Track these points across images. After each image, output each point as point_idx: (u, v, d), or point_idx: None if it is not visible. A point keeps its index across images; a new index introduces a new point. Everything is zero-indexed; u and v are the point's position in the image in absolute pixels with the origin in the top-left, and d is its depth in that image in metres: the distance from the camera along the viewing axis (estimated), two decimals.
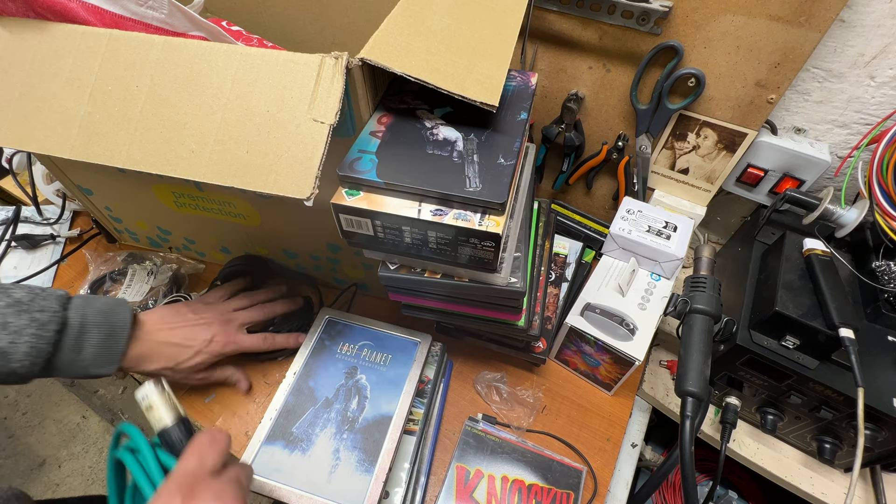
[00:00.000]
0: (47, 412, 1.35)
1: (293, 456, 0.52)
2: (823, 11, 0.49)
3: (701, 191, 0.70)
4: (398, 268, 0.49)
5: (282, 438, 0.53)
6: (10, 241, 0.75)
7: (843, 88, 0.57)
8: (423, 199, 0.42)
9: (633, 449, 0.65)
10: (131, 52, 0.41)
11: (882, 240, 0.53)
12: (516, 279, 0.48)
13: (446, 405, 0.63)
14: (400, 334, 0.62)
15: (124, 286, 0.71)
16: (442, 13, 0.48)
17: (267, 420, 0.55)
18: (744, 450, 0.61)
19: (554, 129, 0.72)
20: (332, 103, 0.38)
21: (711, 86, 0.59)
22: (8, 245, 0.74)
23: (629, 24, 0.58)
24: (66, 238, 0.80)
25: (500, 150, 0.44)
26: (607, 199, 0.79)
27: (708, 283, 0.54)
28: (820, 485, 0.58)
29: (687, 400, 0.46)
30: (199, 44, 0.41)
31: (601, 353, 0.59)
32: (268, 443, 0.53)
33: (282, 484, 0.50)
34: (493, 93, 0.40)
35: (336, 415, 0.55)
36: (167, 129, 0.39)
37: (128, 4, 0.46)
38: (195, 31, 0.50)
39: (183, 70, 0.40)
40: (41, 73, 0.42)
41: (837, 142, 0.62)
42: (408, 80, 0.39)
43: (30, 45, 0.43)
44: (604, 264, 0.66)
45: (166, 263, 0.74)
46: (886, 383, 0.49)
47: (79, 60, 0.42)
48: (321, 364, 0.59)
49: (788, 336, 0.51)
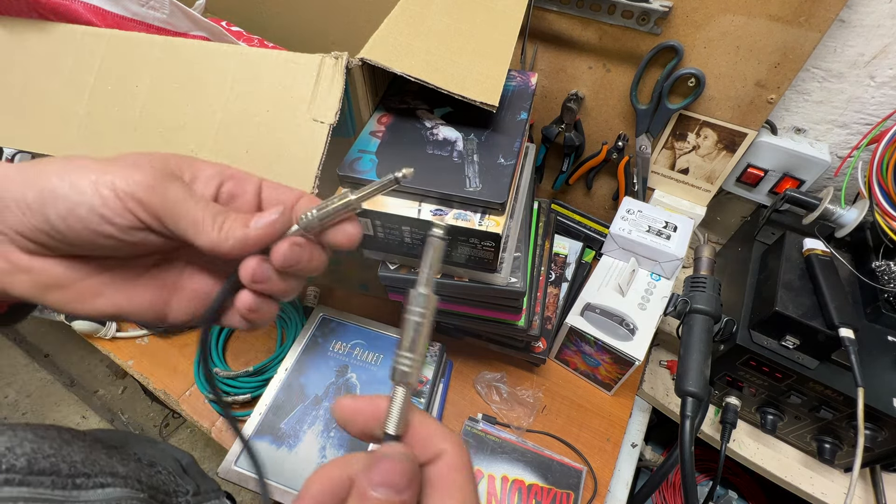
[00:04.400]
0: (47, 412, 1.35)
1: (280, 452, 0.52)
2: (823, 11, 0.49)
3: (701, 191, 0.70)
4: (398, 268, 0.49)
5: (269, 434, 0.53)
6: None
7: (843, 88, 0.57)
8: (423, 199, 0.42)
9: (633, 449, 0.65)
10: (131, 52, 0.41)
11: (882, 240, 0.53)
12: (516, 279, 0.48)
13: (446, 405, 0.63)
14: (393, 334, 0.62)
15: None
16: (442, 13, 0.48)
17: (256, 415, 0.55)
18: (744, 450, 0.61)
19: (554, 129, 0.72)
20: (332, 103, 0.38)
21: (711, 86, 0.59)
22: None
23: (629, 24, 0.58)
24: None
25: (500, 150, 0.44)
26: (607, 199, 0.79)
27: (708, 283, 0.54)
28: (820, 485, 0.58)
29: (687, 400, 0.46)
30: (199, 44, 0.41)
31: (601, 353, 0.59)
32: (255, 437, 0.53)
33: (267, 479, 0.50)
34: (493, 93, 0.40)
35: (325, 412, 0.55)
36: (167, 129, 0.39)
37: (129, 5, 0.46)
38: (197, 31, 0.50)
39: (183, 70, 0.40)
40: (41, 73, 0.42)
41: (837, 142, 0.62)
42: (408, 80, 0.39)
43: (30, 44, 0.43)
44: (604, 264, 0.66)
45: None
46: (886, 383, 0.48)
47: (79, 60, 0.42)
48: (312, 361, 0.60)
49: (788, 336, 0.51)
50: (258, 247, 0.26)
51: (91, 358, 1.40)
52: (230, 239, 0.25)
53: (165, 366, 0.66)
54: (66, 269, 0.26)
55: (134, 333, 0.68)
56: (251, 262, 0.26)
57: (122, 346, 0.68)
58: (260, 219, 0.25)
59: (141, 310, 0.28)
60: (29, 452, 0.33)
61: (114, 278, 0.27)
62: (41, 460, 0.34)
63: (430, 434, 0.23)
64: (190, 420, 0.62)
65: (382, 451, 0.21)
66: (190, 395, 0.63)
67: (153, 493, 0.42)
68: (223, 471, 0.51)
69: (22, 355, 1.41)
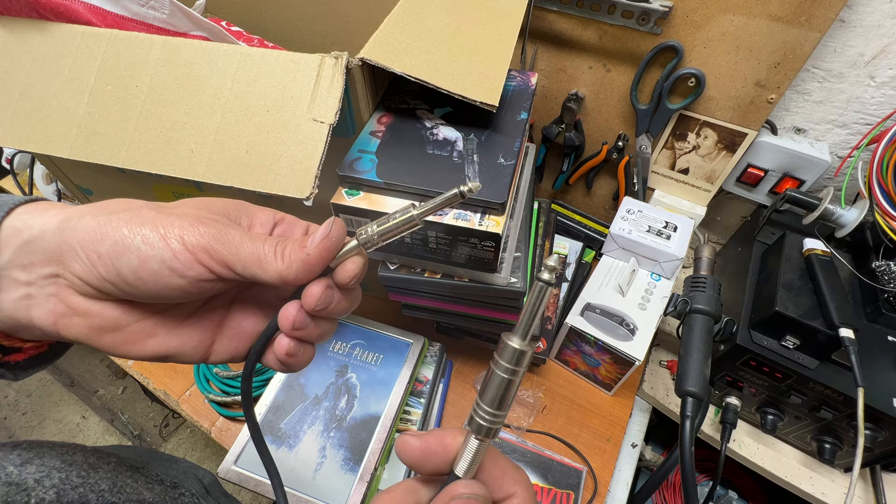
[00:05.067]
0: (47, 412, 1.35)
1: (280, 452, 0.52)
2: (823, 11, 0.49)
3: (701, 191, 0.70)
4: (398, 268, 0.49)
5: (269, 433, 0.53)
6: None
7: (843, 88, 0.57)
8: (422, 200, 0.42)
9: (633, 449, 0.65)
10: (131, 52, 0.41)
11: (882, 240, 0.53)
12: (516, 279, 0.48)
13: (446, 405, 0.63)
14: (392, 334, 0.62)
15: None
16: (442, 13, 0.48)
17: (256, 415, 0.55)
18: (744, 450, 0.61)
19: (554, 129, 0.72)
20: (332, 103, 0.38)
21: (711, 86, 0.59)
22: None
23: (629, 24, 0.58)
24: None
25: (500, 150, 0.44)
26: (607, 199, 0.79)
27: (708, 283, 0.54)
28: (820, 485, 0.58)
29: (687, 400, 0.46)
30: (198, 44, 0.41)
31: (601, 353, 0.59)
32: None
33: (266, 479, 0.50)
34: (493, 93, 0.40)
35: (324, 412, 0.55)
36: (167, 128, 0.39)
37: (129, 5, 0.46)
38: (197, 31, 0.50)
39: (183, 70, 0.40)
40: (41, 73, 0.42)
41: (837, 142, 0.62)
42: (408, 80, 0.39)
43: (30, 44, 0.43)
44: (604, 264, 0.66)
45: None
46: (886, 383, 0.48)
47: (79, 60, 0.42)
48: (313, 361, 0.59)
49: (788, 336, 0.51)
50: (321, 265, 0.26)
51: (91, 358, 1.40)
52: (294, 264, 0.25)
53: (165, 366, 0.66)
54: (122, 312, 0.26)
55: None
56: (290, 310, 0.26)
57: None
58: (314, 236, 0.25)
59: (188, 349, 0.28)
60: (58, 484, 0.33)
61: (165, 320, 0.27)
62: (69, 492, 0.33)
63: (502, 475, 0.23)
64: (190, 420, 0.62)
65: (458, 489, 0.22)
66: (190, 395, 0.63)
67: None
68: (223, 471, 0.51)
69: None
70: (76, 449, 0.37)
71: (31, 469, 0.32)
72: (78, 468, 0.36)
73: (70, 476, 0.34)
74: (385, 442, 0.53)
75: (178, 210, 0.25)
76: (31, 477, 0.32)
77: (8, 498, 0.30)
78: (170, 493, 0.43)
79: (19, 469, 0.31)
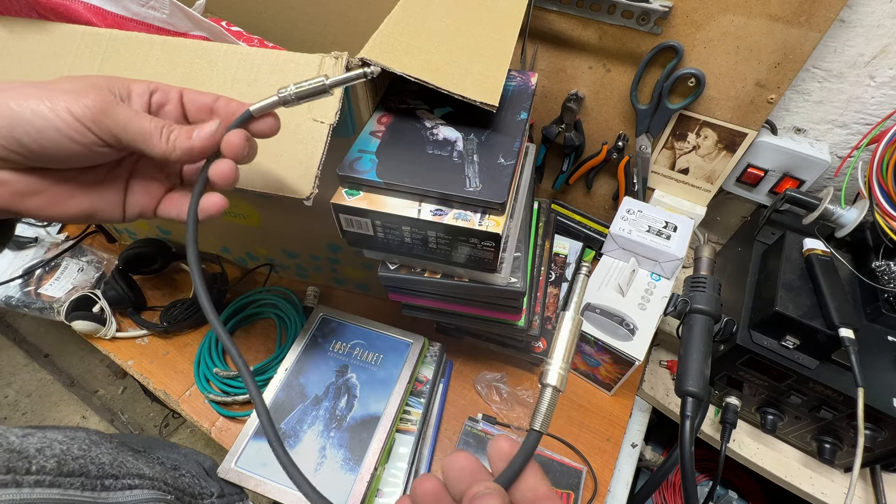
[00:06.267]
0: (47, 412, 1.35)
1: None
2: (823, 11, 0.49)
3: (701, 191, 0.70)
4: (398, 268, 0.49)
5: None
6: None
7: (843, 88, 0.57)
8: (423, 199, 0.42)
9: (633, 449, 0.65)
10: (131, 52, 0.41)
11: (882, 240, 0.53)
12: (516, 279, 0.48)
13: (446, 405, 0.63)
14: (392, 334, 0.62)
15: (53, 278, 0.73)
16: (442, 13, 0.48)
17: (256, 415, 0.55)
18: (744, 450, 0.61)
19: (554, 129, 0.72)
20: (332, 103, 0.38)
21: (711, 86, 0.59)
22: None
23: (629, 23, 0.58)
24: (50, 243, 0.79)
25: (500, 150, 0.44)
26: (607, 199, 0.79)
27: (708, 283, 0.54)
28: (820, 485, 0.58)
29: (687, 400, 0.46)
30: (198, 44, 0.41)
31: (601, 353, 0.59)
32: (255, 437, 0.53)
33: (266, 479, 0.50)
34: (493, 93, 0.40)
35: (324, 412, 0.55)
36: None
37: (129, 5, 0.46)
38: (197, 31, 0.50)
39: (183, 70, 0.40)
40: (41, 73, 0.42)
41: (837, 142, 0.62)
42: (408, 80, 0.39)
43: (30, 44, 0.43)
44: (604, 264, 0.66)
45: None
46: (886, 383, 0.48)
47: (79, 60, 0.41)
48: (312, 361, 0.59)
49: (788, 336, 0.51)
50: (203, 156, 0.31)
51: (91, 358, 1.40)
52: (178, 149, 0.30)
53: (165, 366, 0.66)
54: (37, 178, 0.30)
55: (134, 333, 0.68)
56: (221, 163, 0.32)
57: (121, 347, 0.68)
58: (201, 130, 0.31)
59: (107, 207, 0.33)
60: (59, 454, 0.34)
61: (80, 183, 0.32)
62: (70, 462, 0.35)
63: (537, 499, 0.24)
64: (190, 420, 0.62)
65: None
66: (190, 395, 0.63)
67: (179, 494, 0.43)
68: (223, 471, 0.51)
69: (22, 355, 1.41)
70: (80, 429, 0.39)
71: (34, 440, 0.34)
72: (80, 442, 0.37)
73: (71, 448, 0.36)
74: (385, 442, 0.53)
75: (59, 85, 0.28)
76: (32, 446, 0.33)
77: (10, 463, 0.31)
78: (170, 473, 0.43)
79: (21, 439, 0.34)
